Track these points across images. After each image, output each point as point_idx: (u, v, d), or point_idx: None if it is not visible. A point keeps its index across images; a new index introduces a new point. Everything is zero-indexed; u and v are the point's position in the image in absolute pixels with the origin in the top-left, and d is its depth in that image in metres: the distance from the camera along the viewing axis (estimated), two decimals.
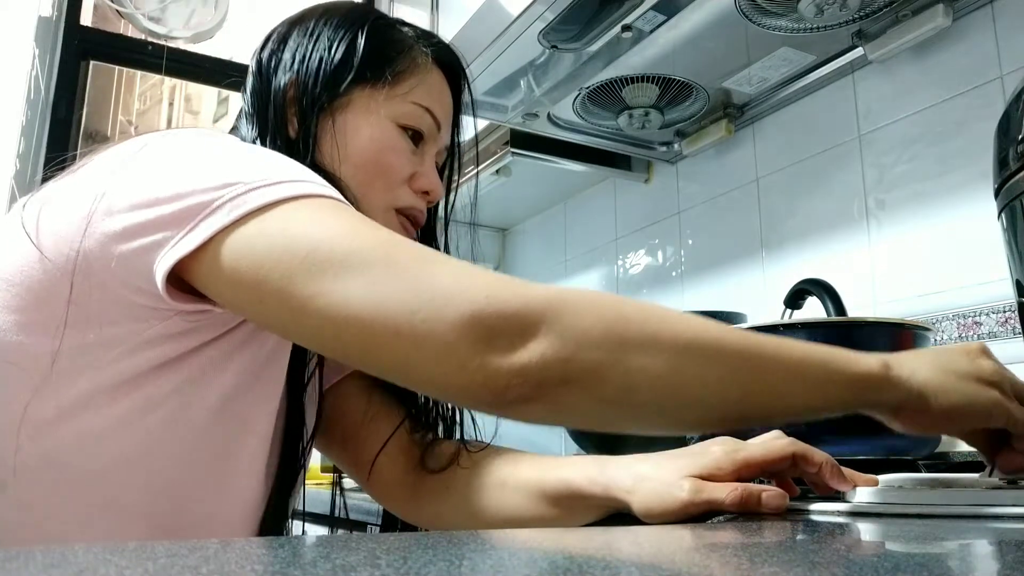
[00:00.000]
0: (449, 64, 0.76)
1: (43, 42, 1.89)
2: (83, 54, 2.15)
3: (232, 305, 0.52)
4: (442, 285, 0.44)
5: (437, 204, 0.79)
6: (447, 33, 1.82)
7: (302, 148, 0.65)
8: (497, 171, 1.76)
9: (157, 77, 2.46)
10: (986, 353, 0.55)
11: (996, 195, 0.69)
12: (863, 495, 0.54)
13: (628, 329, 0.45)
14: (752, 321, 1.25)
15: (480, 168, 1.74)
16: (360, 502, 0.89)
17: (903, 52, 1.18)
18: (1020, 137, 0.65)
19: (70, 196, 0.55)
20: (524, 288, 0.45)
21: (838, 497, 0.55)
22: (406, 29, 0.74)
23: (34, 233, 0.54)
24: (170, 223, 0.50)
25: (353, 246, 0.47)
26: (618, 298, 0.48)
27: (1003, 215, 0.68)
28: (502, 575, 0.25)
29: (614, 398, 0.45)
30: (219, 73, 2.37)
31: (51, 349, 0.54)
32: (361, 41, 0.69)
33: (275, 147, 0.64)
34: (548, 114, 1.47)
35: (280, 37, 0.72)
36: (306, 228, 0.48)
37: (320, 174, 0.56)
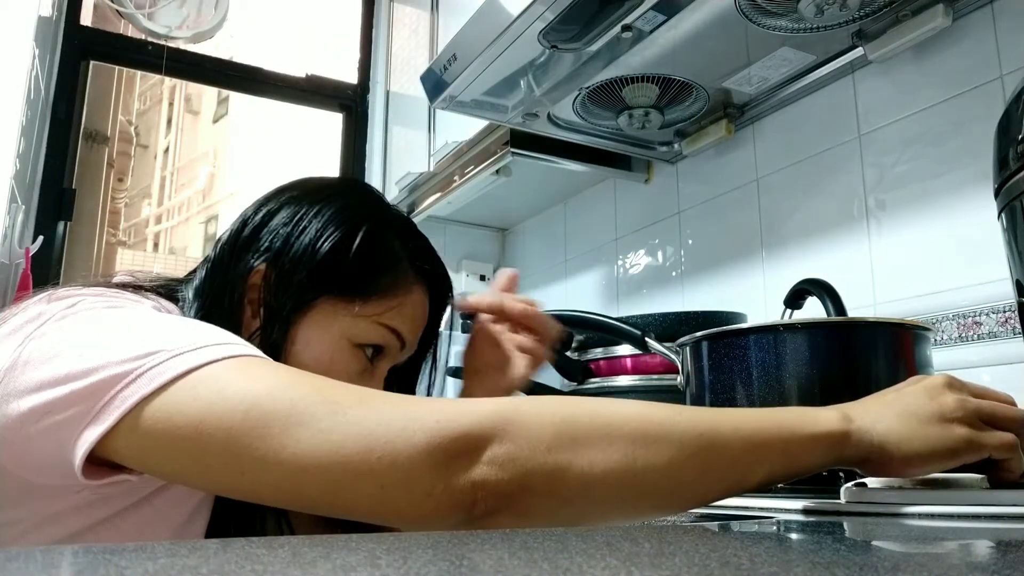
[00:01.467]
0: (438, 287, 0.73)
1: (43, 42, 1.89)
2: (83, 54, 2.15)
3: (166, 473, 0.49)
4: (391, 420, 0.45)
5: (426, 348, 0.76)
6: (447, 33, 1.82)
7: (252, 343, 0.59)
8: (497, 171, 1.76)
9: (157, 77, 2.46)
10: (950, 386, 0.54)
11: (996, 195, 0.69)
12: (863, 495, 0.54)
13: (577, 428, 0.46)
14: (752, 321, 1.25)
15: (480, 168, 1.75)
16: None
17: (903, 52, 1.18)
18: (1020, 137, 0.65)
19: None
20: (470, 407, 0.46)
21: (837, 496, 0.55)
22: (397, 243, 0.70)
23: None
24: (84, 399, 0.47)
25: (294, 397, 0.46)
26: (566, 399, 0.48)
27: (1003, 215, 0.68)
28: (502, 575, 0.25)
29: (574, 496, 0.45)
30: (219, 73, 2.37)
31: None
32: (350, 252, 0.66)
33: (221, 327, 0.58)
34: (548, 114, 1.47)
35: (272, 208, 0.68)
36: (240, 385, 0.46)
37: None
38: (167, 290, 0.67)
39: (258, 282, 0.65)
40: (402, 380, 0.75)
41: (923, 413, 0.52)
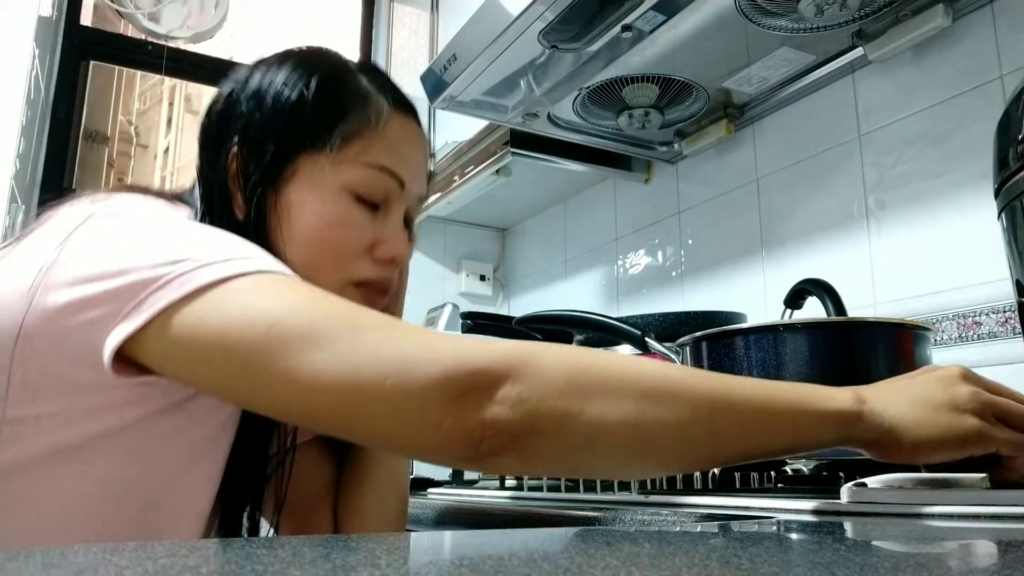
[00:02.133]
0: (408, 107, 0.69)
1: (43, 42, 1.89)
2: (83, 54, 2.15)
3: (189, 380, 0.50)
4: (408, 349, 0.45)
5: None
6: (447, 33, 1.82)
7: (251, 230, 0.61)
8: (497, 171, 1.76)
9: (157, 77, 2.46)
10: (965, 378, 0.54)
11: (996, 195, 0.69)
12: (863, 495, 0.54)
13: (591, 377, 0.46)
14: (752, 321, 1.25)
15: (480, 168, 1.75)
16: None
17: (903, 52, 1.18)
18: (1020, 137, 0.65)
19: (14, 268, 0.54)
20: (488, 346, 0.46)
21: (837, 496, 0.55)
22: (363, 77, 0.67)
23: None
24: (116, 298, 0.48)
25: (315, 317, 0.47)
26: (581, 349, 0.49)
27: (1003, 215, 0.68)
28: (502, 575, 0.25)
29: (582, 445, 0.46)
30: (219, 73, 2.36)
31: None
32: (308, 97, 0.63)
33: (218, 225, 0.60)
34: (548, 114, 1.47)
35: (230, 92, 0.66)
36: (264, 302, 0.47)
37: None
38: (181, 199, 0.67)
39: (235, 163, 0.63)
40: None
41: (936, 401, 0.52)
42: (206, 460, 0.62)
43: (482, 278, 2.24)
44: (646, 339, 1.00)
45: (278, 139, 0.63)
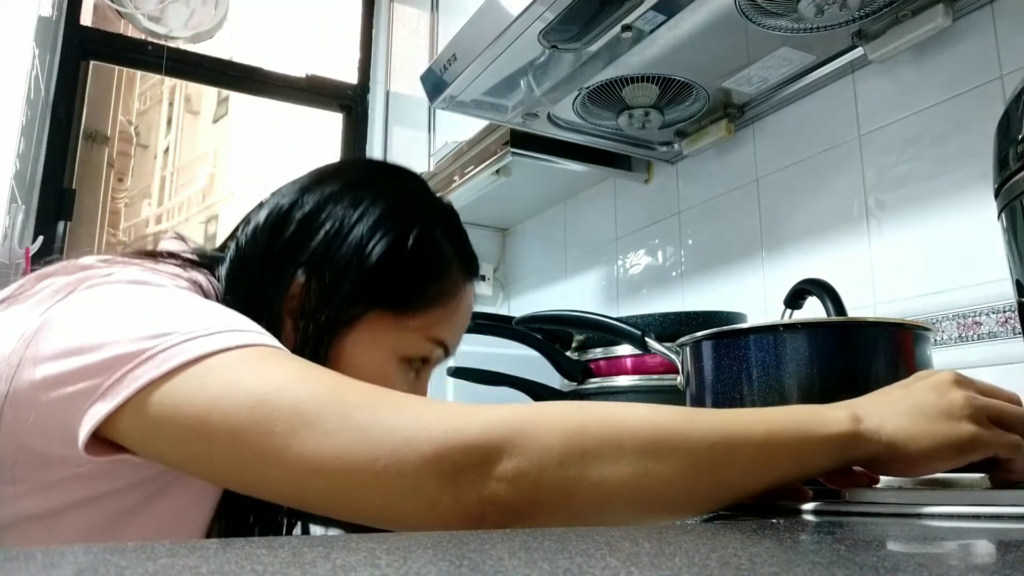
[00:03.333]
0: (478, 271, 0.70)
1: (43, 42, 1.89)
2: (83, 54, 2.15)
3: (168, 461, 0.48)
4: (398, 427, 0.43)
5: None
6: (447, 33, 1.82)
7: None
8: (497, 171, 1.76)
9: (157, 77, 2.46)
10: (958, 383, 0.53)
11: (996, 195, 0.69)
12: (863, 495, 0.54)
13: (588, 440, 0.44)
14: (752, 321, 1.25)
15: (480, 168, 1.75)
16: None
17: (903, 52, 1.18)
18: (1020, 137, 0.65)
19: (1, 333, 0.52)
20: (480, 415, 0.44)
21: (837, 496, 0.55)
22: (446, 245, 0.66)
23: None
24: (94, 373, 0.46)
25: (302, 396, 0.45)
26: (577, 406, 0.47)
27: (1003, 215, 0.68)
28: (502, 575, 0.25)
29: (585, 511, 0.44)
30: (219, 73, 2.37)
31: None
32: (400, 258, 0.61)
33: None
34: (548, 114, 1.47)
35: (296, 208, 0.63)
36: (249, 379, 0.46)
37: None
38: (206, 262, 0.64)
39: (298, 293, 0.61)
40: None
41: (931, 410, 0.52)
42: (182, 528, 0.60)
43: (482, 278, 2.24)
44: (646, 339, 0.99)
45: (357, 289, 0.61)
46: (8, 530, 0.52)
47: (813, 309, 0.98)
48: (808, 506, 0.54)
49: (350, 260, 0.61)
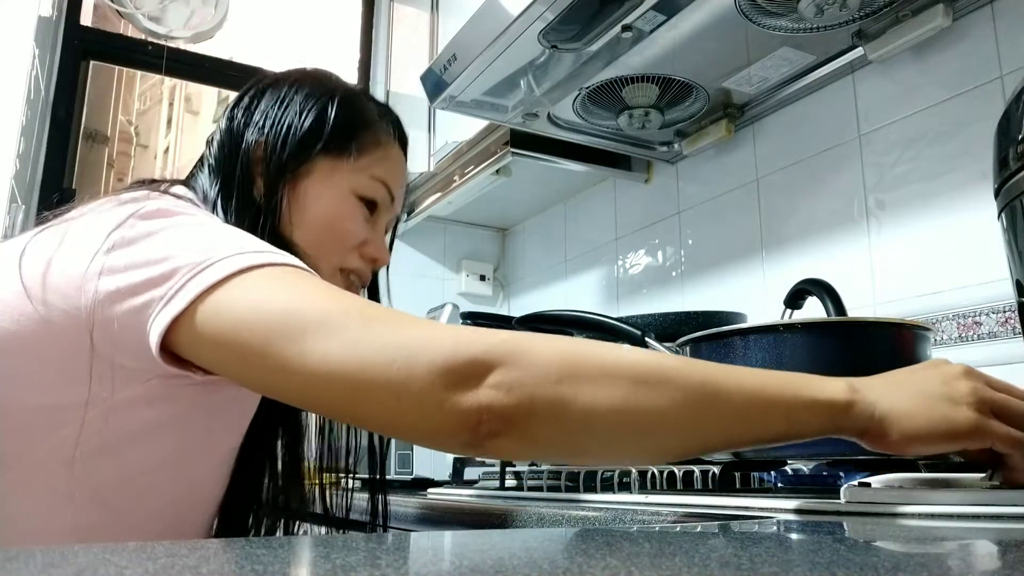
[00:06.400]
0: (404, 141, 0.82)
1: (43, 42, 1.89)
2: (83, 54, 2.15)
3: (214, 367, 0.54)
4: (414, 339, 0.48)
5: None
6: (447, 33, 1.82)
7: (266, 209, 0.70)
8: (497, 171, 1.76)
9: (157, 77, 2.46)
10: (968, 374, 0.54)
11: (996, 195, 0.69)
12: (863, 495, 0.54)
13: (584, 364, 0.48)
14: (752, 321, 1.25)
15: (480, 168, 1.75)
16: (361, 502, 0.89)
17: (903, 52, 1.18)
18: (1020, 137, 0.65)
19: (67, 254, 0.57)
20: (487, 335, 0.49)
21: (837, 496, 0.55)
22: (371, 104, 0.80)
23: (38, 289, 0.56)
24: (158, 283, 0.52)
25: (329, 308, 0.50)
26: (575, 339, 0.52)
27: (1003, 215, 0.68)
28: (502, 575, 0.25)
29: (576, 428, 0.48)
30: (219, 73, 2.37)
31: (26, 404, 0.57)
32: (331, 112, 0.74)
33: (238, 204, 0.70)
34: (548, 114, 1.47)
35: (253, 97, 0.77)
36: (283, 293, 0.52)
37: (275, 236, 0.66)
38: (189, 183, 0.73)
39: (260, 154, 0.72)
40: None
41: (932, 392, 0.52)
42: (225, 462, 0.69)
43: (482, 278, 2.24)
44: (646, 339, 0.99)
45: (302, 139, 0.73)
46: (78, 463, 0.57)
47: (813, 309, 0.98)
48: (808, 506, 0.54)
49: (293, 121, 0.74)
